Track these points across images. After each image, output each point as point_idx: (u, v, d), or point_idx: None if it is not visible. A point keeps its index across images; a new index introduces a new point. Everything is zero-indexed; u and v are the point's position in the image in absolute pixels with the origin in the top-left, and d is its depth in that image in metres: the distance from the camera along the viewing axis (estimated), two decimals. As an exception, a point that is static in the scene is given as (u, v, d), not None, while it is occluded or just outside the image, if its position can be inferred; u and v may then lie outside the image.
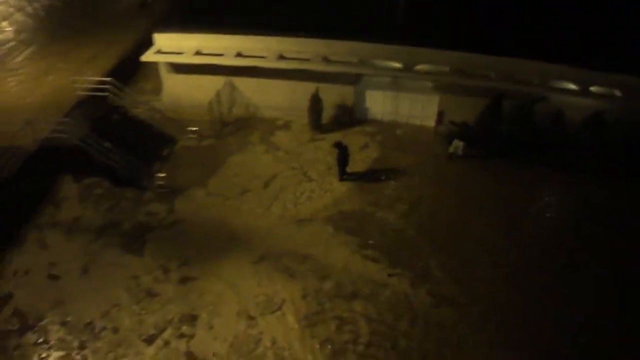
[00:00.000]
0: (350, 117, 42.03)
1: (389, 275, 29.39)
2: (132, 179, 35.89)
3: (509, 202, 34.30)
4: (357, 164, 37.47)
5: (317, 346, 25.74)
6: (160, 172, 36.78)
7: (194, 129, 40.26)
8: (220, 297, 28.31)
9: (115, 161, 35.25)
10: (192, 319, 27.26)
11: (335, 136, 39.97)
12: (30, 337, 26.73)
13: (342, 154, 35.58)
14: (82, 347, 26.04)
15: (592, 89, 38.49)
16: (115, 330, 26.64)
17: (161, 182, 35.94)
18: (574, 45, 38.63)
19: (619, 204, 34.33)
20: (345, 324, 26.85)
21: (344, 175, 36.13)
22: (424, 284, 28.93)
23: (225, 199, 34.91)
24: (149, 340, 26.20)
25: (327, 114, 41.22)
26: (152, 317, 27.31)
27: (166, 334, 26.46)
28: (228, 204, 34.52)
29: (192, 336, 26.38)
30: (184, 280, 29.35)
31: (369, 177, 36.58)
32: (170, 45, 42.87)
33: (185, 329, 26.73)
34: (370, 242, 31.44)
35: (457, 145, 37.51)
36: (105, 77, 40.21)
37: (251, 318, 27.20)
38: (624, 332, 26.63)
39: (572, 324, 26.92)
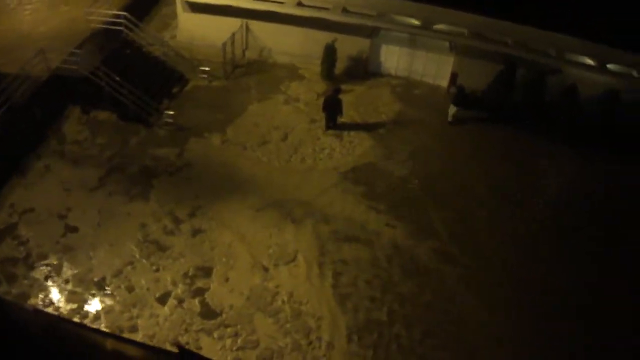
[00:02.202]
0: (363, 70, 40.38)
1: (387, 224, 28.70)
2: (140, 114, 34.52)
3: (511, 169, 33.27)
4: (379, 117, 36.45)
5: (333, 300, 24.82)
6: (169, 109, 35.34)
7: (206, 69, 38.72)
8: (233, 248, 26.98)
9: (124, 95, 33.88)
10: (206, 272, 25.83)
11: (358, 88, 39.00)
12: (40, 271, 25.51)
13: (332, 102, 34.35)
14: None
15: (609, 66, 36.97)
16: (130, 289, 24.97)
17: (169, 120, 34.62)
18: (594, 20, 36.55)
19: (623, 180, 33.32)
20: (354, 274, 26.00)
21: (330, 124, 34.99)
22: (425, 237, 28.16)
23: (243, 148, 33.35)
24: (163, 300, 24.60)
25: (340, 65, 39.58)
26: (164, 273, 25.75)
27: (180, 290, 24.97)
28: (244, 153, 32.99)
29: (207, 290, 24.99)
30: (194, 231, 27.82)
31: (386, 131, 35.32)
32: (188, -17, 41.10)
33: (199, 283, 25.30)
34: (376, 192, 30.71)
35: (451, 109, 36.13)
36: (121, 11, 38.47)
37: (266, 270, 26.03)
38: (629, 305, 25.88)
39: (570, 289, 26.17)
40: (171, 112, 34.74)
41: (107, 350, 16.28)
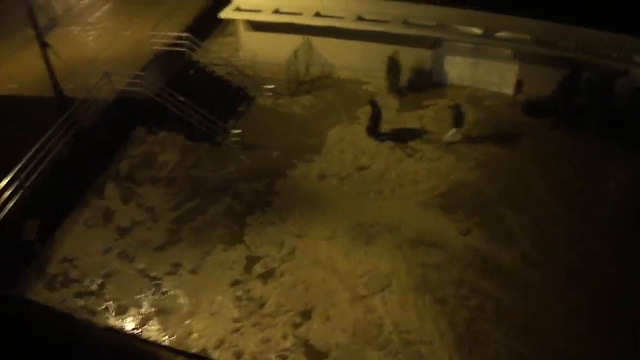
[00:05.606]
0: (428, 81, 36.54)
1: (466, 230, 25.93)
2: (207, 133, 31.80)
3: (582, 174, 29.52)
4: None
5: (438, 323, 21.76)
6: (235, 128, 32.38)
7: (271, 86, 35.62)
8: (327, 284, 23.44)
9: (190, 116, 31.33)
10: (306, 316, 22.26)
11: (444, 102, 34.69)
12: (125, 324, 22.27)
13: (375, 114, 31.45)
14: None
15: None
16: (238, 355, 21.16)
17: (237, 139, 31.63)
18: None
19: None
20: (450, 290, 23.11)
21: (374, 134, 31.90)
22: (503, 242, 25.34)
23: (331, 177, 29.52)
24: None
25: (404, 77, 35.74)
26: (270, 332, 21.87)
27: (290, 343, 21.29)
28: (332, 183, 29.17)
29: (311, 332, 21.53)
30: (286, 274, 24.02)
31: (466, 144, 31.45)
32: (248, 3, 38.29)
33: (303, 329, 21.74)
34: (456, 204, 27.58)
35: (452, 133, 31.59)
36: (183, 32, 36.12)
37: (365, 300, 22.63)
38: None
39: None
40: (238, 131, 31.88)
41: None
